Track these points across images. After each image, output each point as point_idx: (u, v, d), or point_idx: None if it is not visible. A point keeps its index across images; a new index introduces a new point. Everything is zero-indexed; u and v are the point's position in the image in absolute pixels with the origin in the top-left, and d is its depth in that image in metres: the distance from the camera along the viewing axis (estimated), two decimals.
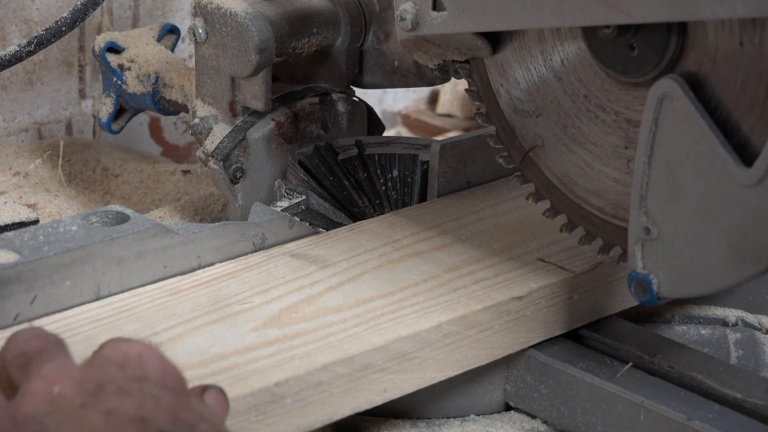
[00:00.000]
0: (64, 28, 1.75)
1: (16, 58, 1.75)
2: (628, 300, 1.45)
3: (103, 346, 1.12)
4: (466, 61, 1.42)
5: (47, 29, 1.75)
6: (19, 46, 1.75)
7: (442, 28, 1.35)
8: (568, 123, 1.35)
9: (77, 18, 1.76)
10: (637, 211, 1.25)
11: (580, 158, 1.34)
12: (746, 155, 1.17)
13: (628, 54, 1.27)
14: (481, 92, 1.42)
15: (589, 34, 1.29)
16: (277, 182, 1.59)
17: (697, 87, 1.21)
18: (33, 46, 1.75)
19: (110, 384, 1.06)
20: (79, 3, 1.76)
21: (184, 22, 2.05)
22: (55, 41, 1.76)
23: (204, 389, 1.12)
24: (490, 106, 1.41)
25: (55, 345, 1.11)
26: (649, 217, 1.24)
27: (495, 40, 1.36)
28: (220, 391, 1.12)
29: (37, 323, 1.25)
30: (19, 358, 1.10)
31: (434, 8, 1.35)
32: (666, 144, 1.22)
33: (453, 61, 1.42)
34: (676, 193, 1.22)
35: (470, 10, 1.32)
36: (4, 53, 1.74)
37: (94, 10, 1.77)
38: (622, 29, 1.25)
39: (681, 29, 1.22)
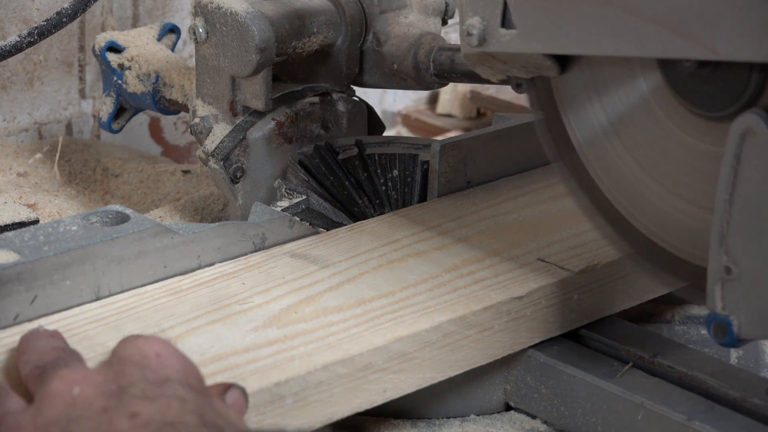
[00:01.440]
0: (65, 19, 1.75)
1: (16, 49, 1.74)
2: (628, 300, 1.46)
3: (119, 346, 1.11)
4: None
5: (48, 20, 1.74)
6: (19, 36, 1.74)
7: (510, 46, 1.30)
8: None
9: (78, 9, 1.76)
10: (718, 250, 1.21)
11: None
12: None
13: (707, 88, 1.23)
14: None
15: (667, 65, 1.26)
16: (277, 182, 1.59)
17: None
18: (34, 36, 1.74)
19: (132, 386, 1.04)
20: None
21: (184, 21, 2.05)
22: (55, 32, 1.75)
23: (227, 388, 1.11)
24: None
25: (71, 354, 1.11)
26: (730, 257, 1.20)
27: (564, 60, 1.32)
28: (243, 392, 1.11)
29: (37, 323, 1.25)
30: (35, 370, 1.10)
31: (503, 25, 1.30)
32: (749, 181, 1.18)
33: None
34: (760, 232, 1.18)
35: (542, 30, 1.28)
36: (5, 43, 1.74)
37: (96, 1, 1.77)
38: (703, 63, 1.20)
39: (764, 65, 1.18)
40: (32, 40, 1.74)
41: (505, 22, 1.30)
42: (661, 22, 1.18)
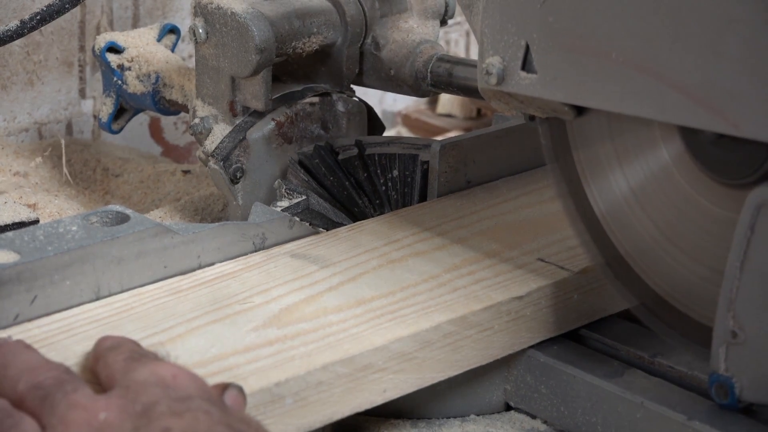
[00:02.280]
0: (67, 5, 1.74)
1: (18, 34, 1.73)
2: None
3: (133, 369, 1.10)
4: None
5: (49, 5, 1.73)
6: (21, 21, 1.73)
7: (529, 90, 1.29)
8: None
9: None
10: (725, 314, 1.22)
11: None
12: None
13: (726, 156, 1.24)
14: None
15: (688, 131, 1.26)
16: (277, 182, 1.59)
17: None
18: (35, 21, 1.73)
19: (158, 405, 1.04)
20: None
21: (184, 22, 2.05)
22: (57, 17, 1.73)
23: (224, 388, 1.11)
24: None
25: (70, 375, 1.10)
26: (737, 322, 1.21)
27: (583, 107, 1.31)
28: (240, 391, 1.12)
29: (37, 323, 1.25)
30: (36, 391, 1.08)
31: (523, 68, 1.29)
32: (760, 251, 1.19)
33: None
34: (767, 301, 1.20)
35: (562, 79, 1.26)
36: (6, 28, 1.73)
37: None
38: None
39: None
40: (33, 25, 1.73)
41: (526, 65, 1.29)
42: (686, 92, 1.18)
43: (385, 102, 2.28)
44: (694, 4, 1.16)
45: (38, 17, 1.73)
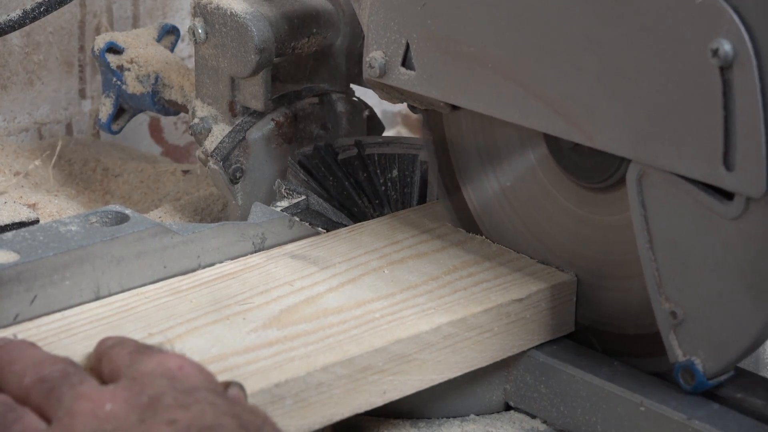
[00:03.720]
0: None
1: (19, 24, 1.72)
2: None
3: (139, 361, 1.10)
4: None
5: None
6: (23, 10, 1.72)
7: (407, 85, 1.38)
8: None
9: None
10: (658, 299, 1.25)
11: None
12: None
13: (584, 162, 1.32)
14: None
15: (551, 137, 1.34)
16: (277, 182, 1.59)
17: None
18: (38, 12, 1.71)
19: (164, 396, 1.04)
20: None
21: (184, 22, 2.04)
22: (60, 7, 1.72)
23: (226, 386, 1.11)
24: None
25: (76, 367, 1.10)
26: (671, 301, 1.24)
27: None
28: (241, 388, 1.12)
29: (36, 323, 1.25)
30: (42, 384, 1.08)
31: (403, 64, 1.38)
32: (660, 220, 1.23)
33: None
34: (687, 266, 1.22)
35: (438, 78, 1.35)
36: (8, 17, 1.71)
37: None
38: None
39: None
40: (35, 15, 1.71)
41: (406, 62, 1.38)
42: (548, 102, 1.26)
43: (385, 102, 2.28)
44: (559, 22, 1.23)
45: (42, 8, 1.72)
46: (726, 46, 1.12)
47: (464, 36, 1.32)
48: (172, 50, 1.78)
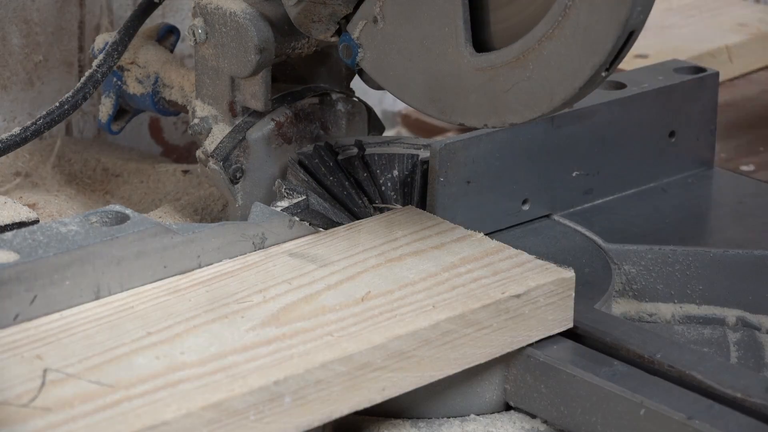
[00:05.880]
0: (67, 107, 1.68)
1: (23, 140, 1.66)
2: None
3: None
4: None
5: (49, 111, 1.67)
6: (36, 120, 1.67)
7: None
8: None
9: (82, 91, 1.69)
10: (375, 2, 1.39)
11: None
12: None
13: None
14: None
15: None
16: (277, 182, 1.59)
17: None
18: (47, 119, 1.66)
19: None
20: None
21: (184, 22, 2.04)
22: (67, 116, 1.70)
23: None
24: None
25: None
26: (382, 12, 1.39)
27: None
28: None
29: (36, 323, 1.25)
30: None
31: None
32: None
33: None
34: (408, 18, 1.37)
35: None
36: (10, 135, 1.68)
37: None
38: None
39: None
40: (38, 129, 1.68)
41: None
42: None
43: (385, 102, 2.28)
44: None
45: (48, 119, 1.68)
46: None
47: None
48: (172, 50, 1.78)
